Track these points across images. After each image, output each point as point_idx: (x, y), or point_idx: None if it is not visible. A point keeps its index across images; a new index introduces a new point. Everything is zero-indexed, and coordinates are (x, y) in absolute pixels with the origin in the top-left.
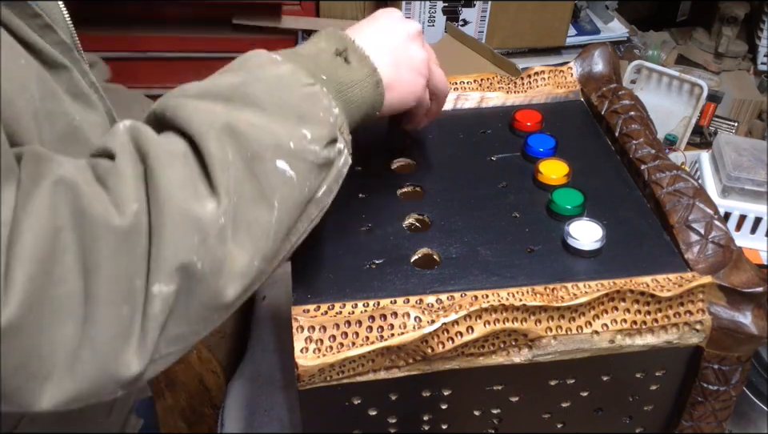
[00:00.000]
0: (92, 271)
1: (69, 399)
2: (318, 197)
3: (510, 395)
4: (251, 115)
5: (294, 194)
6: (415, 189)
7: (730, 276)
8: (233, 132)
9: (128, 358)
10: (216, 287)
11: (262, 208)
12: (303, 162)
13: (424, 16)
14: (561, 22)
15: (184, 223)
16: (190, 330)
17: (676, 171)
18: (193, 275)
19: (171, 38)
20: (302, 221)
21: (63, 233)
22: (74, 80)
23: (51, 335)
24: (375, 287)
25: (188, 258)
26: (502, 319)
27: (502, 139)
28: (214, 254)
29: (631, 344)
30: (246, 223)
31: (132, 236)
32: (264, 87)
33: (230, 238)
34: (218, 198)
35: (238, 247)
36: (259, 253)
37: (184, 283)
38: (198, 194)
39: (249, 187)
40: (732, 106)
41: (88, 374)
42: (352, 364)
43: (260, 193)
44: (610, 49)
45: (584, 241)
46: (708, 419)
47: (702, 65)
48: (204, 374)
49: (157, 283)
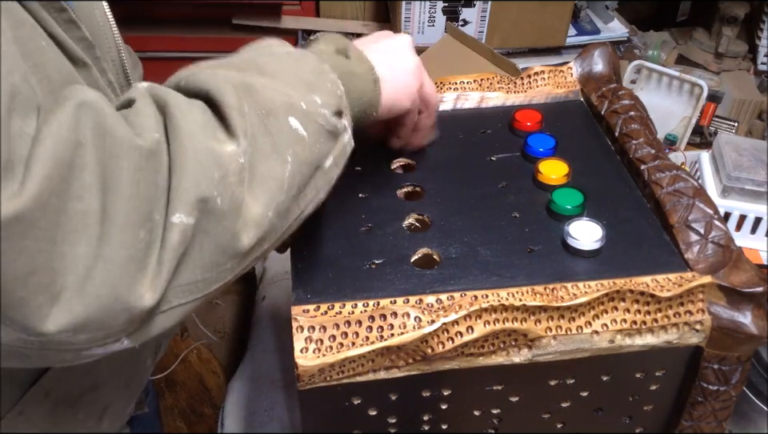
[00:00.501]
0: (111, 189)
1: (76, 324)
2: (325, 167)
3: (510, 395)
4: (264, 80)
5: (305, 153)
6: (415, 189)
7: (730, 276)
8: (248, 89)
9: (141, 288)
10: (233, 229)
11: (276, 161)
12: (314, 123)
13: (424, 16)
14: (561, 22)
15: (205, 158)
16: (202, 277)
17: (676, 171)
18: (212, 211)
19: (171, 38)
20: (310, 187)
21: (84, 149)
22: (93, 77)
23: (64, 250)
24: (375, 287)
25: (208, 191)
26: (502, 319)
27: (502, 139)
28: (233, 193)
29: (631, 344)
30: (261, 174)
31: (153, 159)
32: (275, 60)
33: (247, 184)
34: (237, 140)
35: (253, 195)
36: (273, 204)
37: (203, 217)
38: (217, 138)
39: (263, 141)
40: (732, 106)
41: (99, 296)
42: (352, 364)
43: (274, 147)
44: (610, 49)
45: (584, 241)
46: (708, 419)
47: (702, 65)
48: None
49: (177, 212)
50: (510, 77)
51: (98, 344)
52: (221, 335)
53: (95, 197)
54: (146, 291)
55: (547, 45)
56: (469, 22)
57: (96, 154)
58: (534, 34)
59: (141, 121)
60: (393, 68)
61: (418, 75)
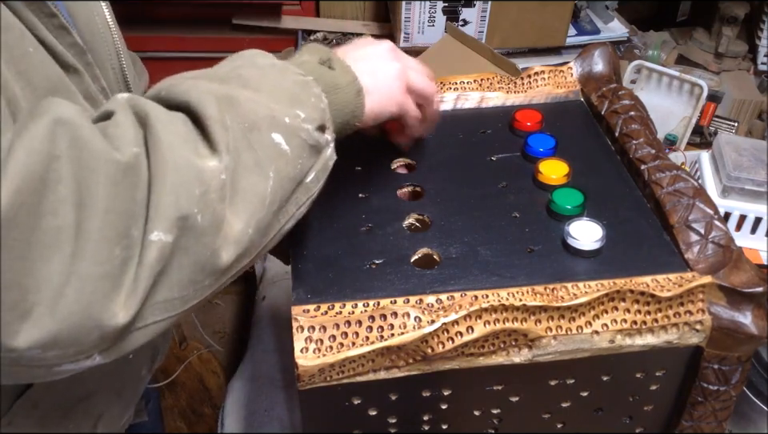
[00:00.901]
0: (86, 204)
1: (47, 341)
2: (307, 182)
3: (510, 395)
4: (247, 93)
5: (287, 168)
6: (415, 189)
7: (730, 276)
8: (230, 101)
9: (115, 306)
10: (213, 246)
11: (258, 177)
12: (297, 138)
13: (424, 16)
14: (561, 22)
15: (186, 173)
16: (179, 295)
17: (676, 171)
18: (192, 228)
19: (171, 38)
20: (291, 203)
21: (59, 162)
22: (85, 84)
23: (36, 266)
24: (375, 287)
25: (189, 208)
26: (502, 319)
27: (502, 139)
28: (214, 210)
29: (631, 344)
30: (243, 190)
31: (131, 173)
32: (258, 72)
33: (228, 200)
34: (219, 155)
35: (234, 212)
36: (253, 221)
37: (182, 235)
38: (198, 152)
39: (246, 156)
40: (732, 106)
41: (71, 314)
42: (352, 364)
43: (256, 162)
44: (610, 49)
45: (584, 241)
46: (708, 419)
47: (702, 65)
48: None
49: (156, 230)
50: (510, 77)
51: (69, 361)
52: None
53: (70, 212)
54: (120, 310)
55: (547, 45)
56: (469, 22)
57: (71, 168)
58: (534, 34)
59: (119, 133)
60: (375, 76)
61: (401, 78)
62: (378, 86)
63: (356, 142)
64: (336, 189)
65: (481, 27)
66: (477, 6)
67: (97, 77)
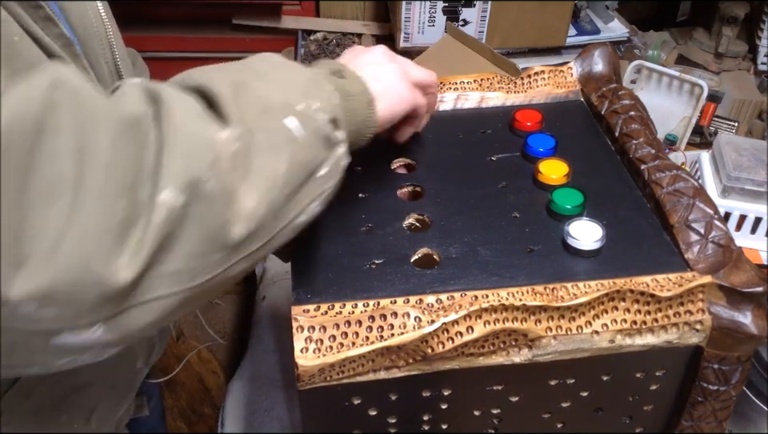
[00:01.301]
0: (87, 156)
1: (42, 292)
2: (319, 176)
3: (510, 395)
4: (258, 85)
5: (300, 155)
6: (415, 189)
7: (730, 276)
8: (244, 86)
9: (118, 263)
10: (224, 217)
11: (271, 157)
12: (310, 126)
13: (424, 16)
14: (561, 22)
15: (196, 139)
16: (186, 267)
17: (676, 171)
18: (202, 194)
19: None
20: (303, 194)
21: (58, 111)
22: None
23: (33, 215)
24: (375, 287)
25: (200, 173)
26: (502, 319)
27: (502, 139)
28: (225, 179)
29: (631, 344)
30: (256, 167)
31: (135, 129)
32: (270, 66)
33: (241, 174)
34: (231, 126)
35: (246, 188)
36: (266, 200)
37: (192, 200)
38: (211, 126)
39: (259, 136)
40: (732, 106)
41: (69, 266)
42: (352, 364)
43: (270, 143)
44: (609, 49)
45: (584, 241)
46: (708, 419)
47: (702, 65)
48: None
49: (165, 190)
50: (510, 77)
51: (68, 326)
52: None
53: (69, 162)
54: (123, 268)
55: (547, 45)
56: (469, 22)
57: (73, 118)
58: (534, 34)
59: (126, 97)
60: (381, 81)
61: (404, 76)
62: (386, 90)
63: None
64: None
65: (481, 27)
66: (477, 6)
67: (85, 68)
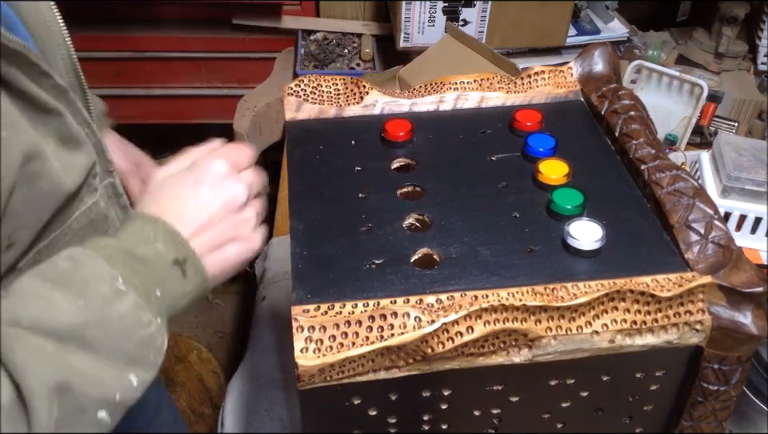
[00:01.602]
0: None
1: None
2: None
3: (510, 395)
4: (84, 359)
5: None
6: (415, 189)
7: (730, 276)
8: (63, 389)
9: None
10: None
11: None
12: (122, 408)
13: (424, 16)
14: (561, 22)
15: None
16: None
17: (676, 171)
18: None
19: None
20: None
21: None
22: (65, 124)
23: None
24: (375, 287)
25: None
26: (502, 319)
27: (502, 139)
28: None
29: (631, 344)
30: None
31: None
32: (102, 333)
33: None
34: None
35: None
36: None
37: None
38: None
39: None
40: (732, 106)
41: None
42: (352, 364)
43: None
44: (610, 49)
45: (584, 241)
46: (708, 419)
47: (702, 65)
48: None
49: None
50: (510, 77)
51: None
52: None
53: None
54: None
55: (547, 45)
56: (469, 22)
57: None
58: (534, 34)
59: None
60: (225, 251)
61: (233, 209)
62: (228, 263)
63: (356, 142)
64: (336, 189)
65: (481, 27)
66: (477, 6)
67: (78, 110)
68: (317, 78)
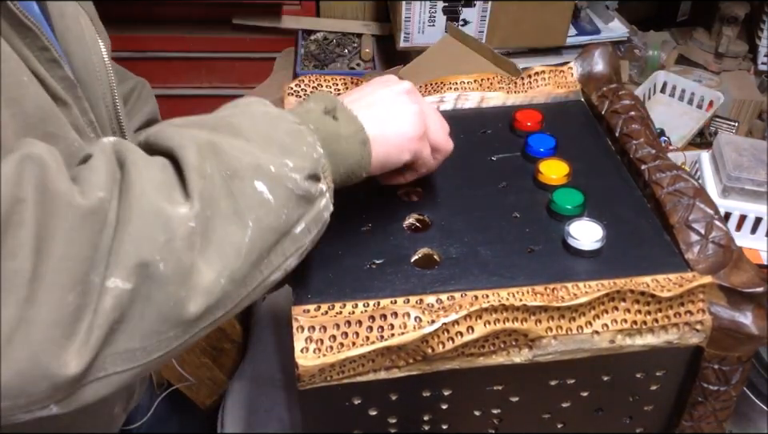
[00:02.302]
0: (44, 249)
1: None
2: (295, 233)
3: (510, 395)
4: (234, 141)
5: (269, 218)
6: (415, 189)
7: (731, 276)
8: (213, 148)
9: (66, 355)
10: (177, 295)
11: (235, 225)
12: (282, 187)
13: (424, 16)
14: (561, 22)
15: (151, 219)
16: (141, 345)
17: (676, 171)
18: (153, 276)
19: (171, 38)
20: (276, 253)
21: (23, 205)
22: (73, 116)
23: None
24: (375, 287)
25: (150, 256)
26: (502, 319)
27: (502, 139)
28: (179, 258)
29: (631, 344)
30: (218, 239)
31: (92, 219)
32: (249, 120)
33: (199, 249)
34: (191, 203)
35: (205, 261)
36: (227, 271)
37: (142, 283)
38: (172, 198)
39: (224, 204)
40: (732, 106)
41: (18, 362)
42: (352, 364)
43: (235, 210)
44: (610, 49)
45: (584, 241)
46: (708, 419)
47: (702, 65)
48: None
49: (112, 277)
50: (511, 77)
51: (21, 411)
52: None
53: (28, 256)
54: (72, 359)
55: (547, 45)
56: (469, 22)
57: (35, 212)
58: (534, 34)
59: (90, 178)
60: (386, 123)
61: (417, 124)
62: (387, 134)
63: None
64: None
65: (481, 27)
66: (477, 5)
67: (85, 110)
68: (317, 78)
